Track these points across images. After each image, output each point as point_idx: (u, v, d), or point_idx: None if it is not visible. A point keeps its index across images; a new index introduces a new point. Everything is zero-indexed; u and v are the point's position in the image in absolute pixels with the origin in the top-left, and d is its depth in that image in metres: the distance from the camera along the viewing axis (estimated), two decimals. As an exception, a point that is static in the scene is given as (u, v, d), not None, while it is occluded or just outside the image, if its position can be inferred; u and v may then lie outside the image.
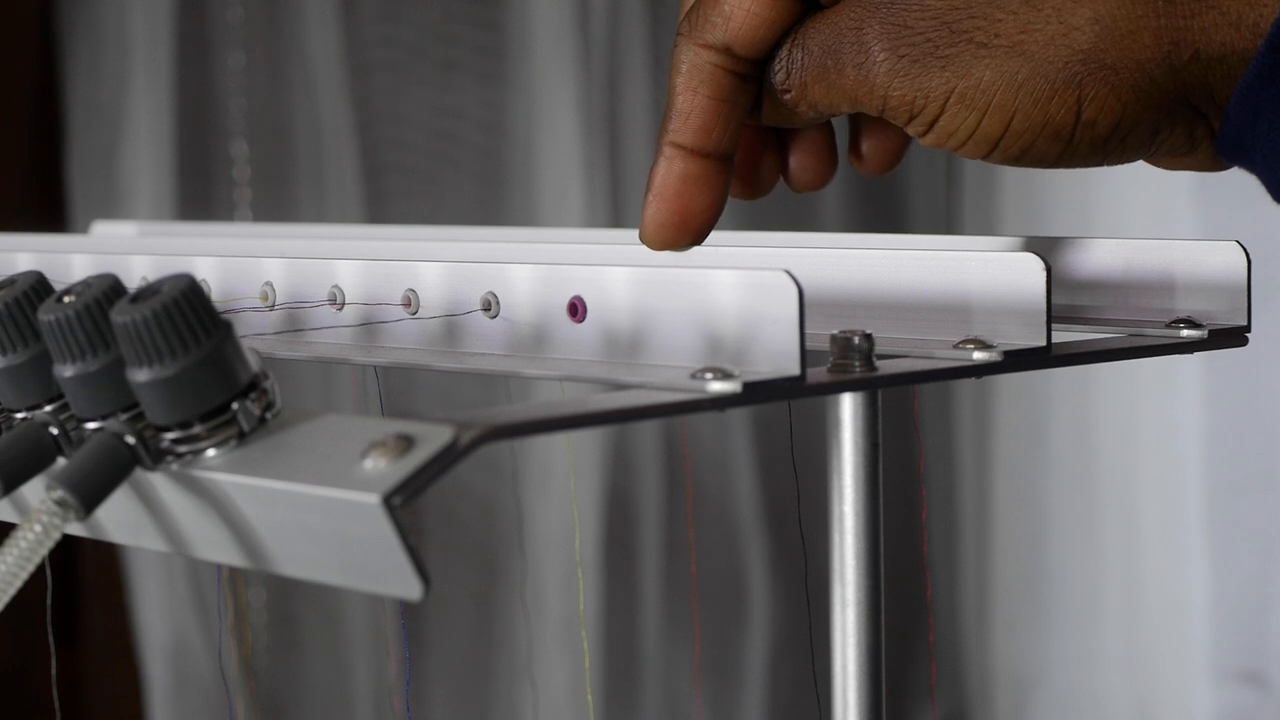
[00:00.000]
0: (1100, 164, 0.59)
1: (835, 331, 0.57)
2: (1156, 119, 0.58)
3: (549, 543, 2.01)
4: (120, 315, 0.50)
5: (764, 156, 0.65)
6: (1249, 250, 0.66)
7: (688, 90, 0.61)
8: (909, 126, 0.60)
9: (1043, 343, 0.60)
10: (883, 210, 2.29)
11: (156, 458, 0.51)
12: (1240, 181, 0.62)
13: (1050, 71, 0.57)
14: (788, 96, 0.61)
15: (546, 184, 2.00)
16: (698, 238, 0.62)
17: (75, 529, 0.52)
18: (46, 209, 1.85)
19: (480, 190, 2.03)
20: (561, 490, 1.98)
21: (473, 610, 2.04)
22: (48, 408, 0.54)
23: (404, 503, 0.46)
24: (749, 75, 0.61)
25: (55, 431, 0.53)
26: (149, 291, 0.50)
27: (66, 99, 1.85)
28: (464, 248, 0.63)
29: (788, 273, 0.54)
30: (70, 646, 1.87)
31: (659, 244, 0.62)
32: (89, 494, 0.50)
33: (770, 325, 0.54)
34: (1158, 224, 1.97)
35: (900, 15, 0.59)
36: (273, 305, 0.67)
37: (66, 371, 0.52)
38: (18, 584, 0.50)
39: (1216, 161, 0.60)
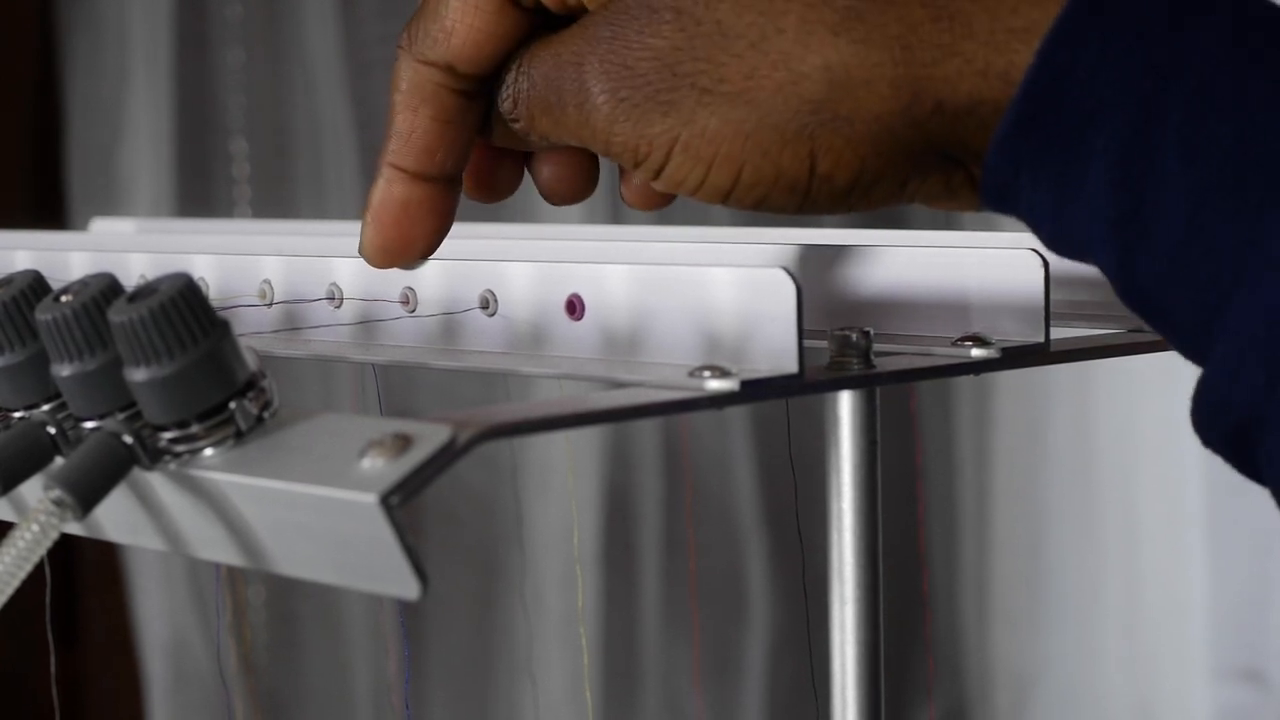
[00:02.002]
0: (848, 212, 0.54)
1: (833, 329, 0.57)
2: (902, 171, 0.53)
3: (548, 541, 2.01)
4: (117, 314, 0.50)
5: (502, 163, 0.61)
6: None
7: (408, 109, 0.57)
8: (636, 172, 0.56)
9: (1041, 339, 0.60)
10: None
11: (154, 457, 0.51)
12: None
13: (778, 122, 0.52)
14: (518, 125, 0.57)
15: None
16: (421, 259, 0.59)
17: (73, 528, 0.52)
18: (46, 206, 1.85)
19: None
20: (560, 488, 1.98)
21: (472, 608, 2.03)
22: (45, 407, 0.54)
23: (402, 502, 0.45)
24: (475, 93, 0.57)
25: (53, 431, 0.53)
26: (146, 290, 0.50)
27: (66, 96, 1.85)
28: (462, 245, 0.63)
29: (785, 270, 0.54)
30: (70, 645, 1.87)
31: (381, 265, 0.59)
32: (87, 493, 0.50)
33: (768, 323, 0.54)
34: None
35: (621, 53, 0.54)
36: (270, 303, 0.67)
37: (64, 371, 0.52)
38: (16, 583, 0.50)
39: (981, 205, 0.54)
